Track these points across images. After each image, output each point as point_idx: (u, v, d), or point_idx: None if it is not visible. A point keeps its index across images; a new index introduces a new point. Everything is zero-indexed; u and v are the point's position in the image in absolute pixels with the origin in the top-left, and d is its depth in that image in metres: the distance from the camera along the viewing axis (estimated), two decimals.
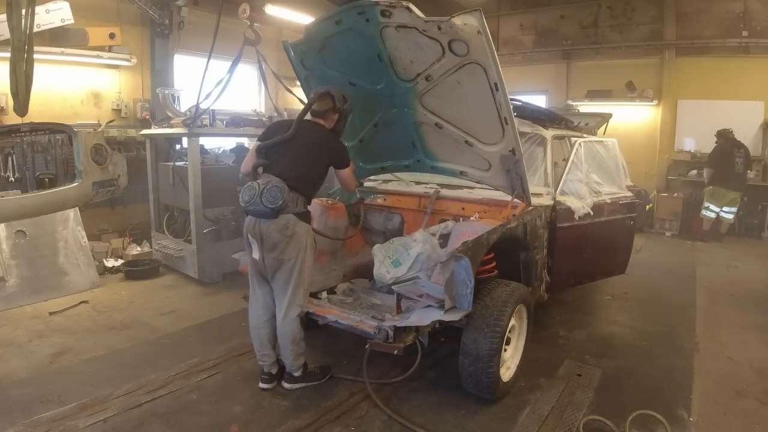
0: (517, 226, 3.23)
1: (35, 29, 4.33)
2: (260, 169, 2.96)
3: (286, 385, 3.08)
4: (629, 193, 4.60)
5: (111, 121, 6.11)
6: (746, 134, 8.10)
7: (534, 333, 3.43)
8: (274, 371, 3.13)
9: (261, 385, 3.11)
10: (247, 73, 7.87)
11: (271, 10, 7.29)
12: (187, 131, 5.14)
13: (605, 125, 5.77)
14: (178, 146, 5.99)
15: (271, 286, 3.04)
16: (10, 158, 4.67)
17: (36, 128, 4.79)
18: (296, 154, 2.92)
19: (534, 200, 3.52)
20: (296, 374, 3.07)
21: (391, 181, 4.40)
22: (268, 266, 2.93)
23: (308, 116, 3.09)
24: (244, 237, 3.00)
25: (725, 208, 7.68)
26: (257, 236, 2.87)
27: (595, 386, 3.22)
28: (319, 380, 3.13)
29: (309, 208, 3.39)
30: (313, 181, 3.02)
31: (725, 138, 7.64)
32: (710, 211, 7.79)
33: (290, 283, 2.92)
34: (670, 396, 3.13)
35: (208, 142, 6.43)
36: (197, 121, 5.12)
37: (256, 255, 2.92)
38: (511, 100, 3.14)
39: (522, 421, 2.82)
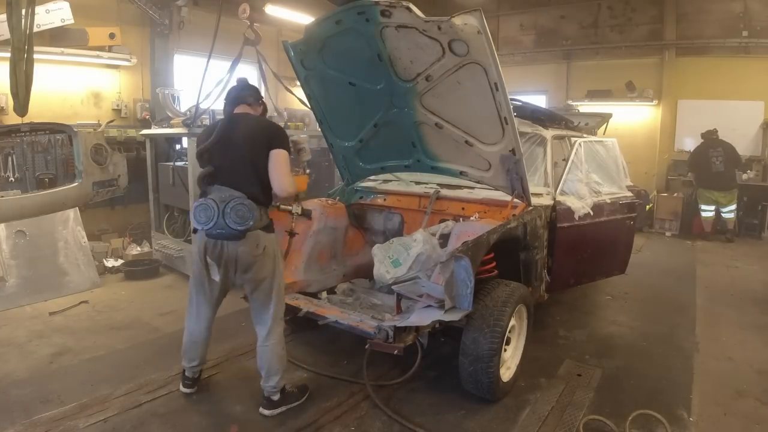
0: (517, 226, 3.23)
1: (35, 29, 4.32)
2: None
3: (266, 411, 2.82)
4: (629, 193, 4.60)
5: (111, 121, 6.10)
6: (746, 134, 8.12)
7: (534, 333, 3.43)
8: (197, 376, 3.04)
9: (183, 389, 3.02)
10: (247, 73, 7.86)
11: (271, 10, 7.29)
12: (187, 131, 5.14)
13: (605, 125, 5.76)
14: (178, 146, 5.99)
15: (213, 305, 2.92)
16: (10, 158, 4.66)
17: (36, 128, 4.78)
18: (243, 155, 2.65)
19: (534, 200, 3.52)
20: (275, 398, 2.83)
21: (391, 181, 4.40)
22: (241, 285, 2.78)
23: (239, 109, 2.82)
24: (199, 258, 2.73)
25: (723, 209, 7.71)
26: (219, 259, 2.66)
27: (595, 386, 3.22)
28: (298, 400, 2.91)
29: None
30: (263, 183, 2.68)
31: (705, 139, 7.72)
32: (705, 210, 7.86)
33: (271, 298, 2.78)
34: (670, 396, 3.13)
35: None
36: (197, 121, 5.11)
37: (216, 277, 2.73)
38: (511, 100, 3.14)
39: (522, 421, 2.82)
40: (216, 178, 2.68)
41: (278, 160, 2.67)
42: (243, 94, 2.84)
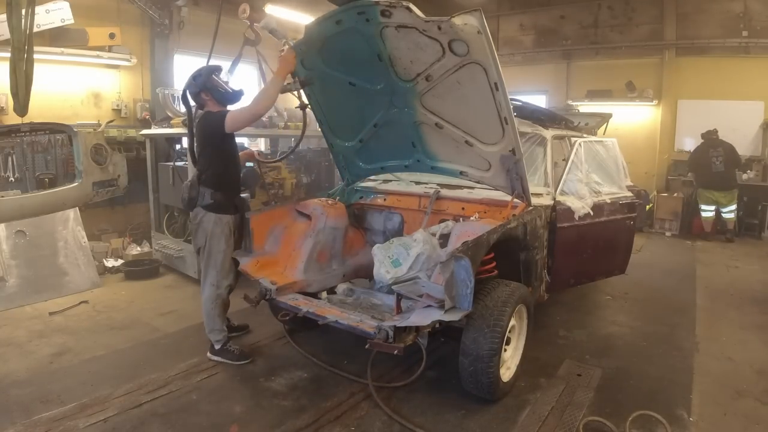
0: (517, 226, 3.23)
1: (35, 29, 4.32)
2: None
3: (208, 353, 3.47)
4: (629, 193, 4.60)
5: (111, 121, 6.11)
6: (746, 134, 8.11)
7: (534, 333, 3.43)
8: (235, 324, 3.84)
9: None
10: (248, 73, 7.86)
11: (271, 10, 7.29)
12: (187, 131, 5.13)
13: (605, 125, 5.77)
14: (178, 146, 5.99)
15: None
16: (10, 158, 4.67)
17: (36, 128, 4.79)
18: (198, 150, 3.43)
19: (534, 200, 3.52)
20: (216, 347, 3.44)
21: (391, 181, 4.40)
22: None
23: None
24: None
25: (723, 209, 7.71)
26: None
27: (595, 386, 3.22)
28: (232, 360, 3.39)
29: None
30: (214, 171, 3.36)
31: (706, 138, 7.72)
32: (705, 210, 7.86)
33: (205, 265, 3.41)
34: (670, 396, 3.13)
35: None
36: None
37: None
38: (511, 100, 3.14)
39: (522, 421, 2.82)
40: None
41: (237, 120, 3.26)
42: (195, 101, 3.43)
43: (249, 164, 5.94)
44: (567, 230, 3.79)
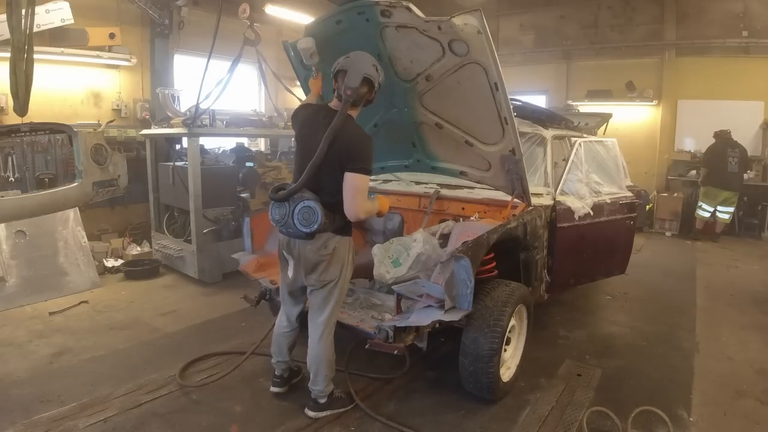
0: (517, 226, 3.23)
1: (35, 29, 4.31)
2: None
3: (310, 413, 2.81)
4: (629, 193, 4.60)
5: (111, 121, 6.10)
6: (746, 134, 8.10)
7: (534, 333, 3.43)
8: (286, 375, 3.07)
9: (273, 388, 3.05)
10: (247, 73, 7.87)
11: (271, 10, 7.30)
12: (187, 131, 5.14)
13: (605, 125, 5.77)
14: (178, 146, 5.99)
15: (296, 301, 2.94)
16: (10, 158, 4.66)
17: (36, 128, 4.78)
18: (329, 167, 2.53)
19: (534, 200, 3.52)
20: (322, 401, 2.83)
21: (391, 181, 4.40)
22: (307, 285, 2.75)
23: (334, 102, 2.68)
24: (279, 254, 2.81)
25: (720, 208, 7.67)
26: (293, 255, 2.69)
27: (595, 386, 3.22)
28: (345, 407, 2.88)
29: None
30: (336, 190, 2.56)
31: (721, 138, 7.66)
32: (704, 210, 7.81)
33: (329, 303, 2.71)
34: (670, 396, 3.13)
35: (208, 142, 6.43)
36: (197, 121, 5.12)
37: (290, 272, 2.73)
38: (511, 100, 3.14)
39: (522, 421, 2.82)
40: (297, 175, 2.63)
41: (352, 184, 2.50)
42: (361, 95, 2.61)
43: (249, 164, 5.96)
44: (567, 230, 3.79)
